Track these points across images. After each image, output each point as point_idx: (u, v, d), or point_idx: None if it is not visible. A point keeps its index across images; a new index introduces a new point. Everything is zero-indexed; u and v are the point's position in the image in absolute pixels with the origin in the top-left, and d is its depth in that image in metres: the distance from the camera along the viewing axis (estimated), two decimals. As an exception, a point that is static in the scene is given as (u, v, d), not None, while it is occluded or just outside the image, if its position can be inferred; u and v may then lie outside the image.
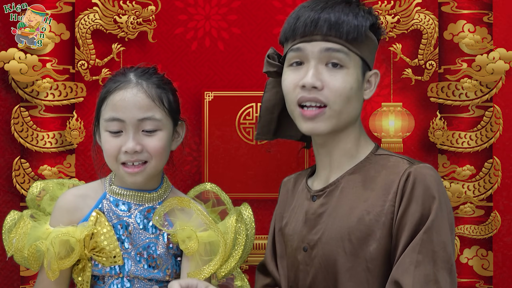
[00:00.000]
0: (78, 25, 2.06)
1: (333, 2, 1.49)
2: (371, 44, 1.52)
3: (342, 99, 1.46)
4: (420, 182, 1.41)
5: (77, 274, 1.53)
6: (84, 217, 1.54)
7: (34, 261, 1.51)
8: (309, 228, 1.52)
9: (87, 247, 1.49)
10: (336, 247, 1.45)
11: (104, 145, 1.53)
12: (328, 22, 1.46)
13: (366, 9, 1.51)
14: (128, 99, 1.49)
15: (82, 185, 1.65)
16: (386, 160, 1.50)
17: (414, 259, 1.36)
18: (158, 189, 1.58)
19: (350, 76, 1.47)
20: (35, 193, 1.65)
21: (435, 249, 1.37)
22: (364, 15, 1.49)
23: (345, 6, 1.48)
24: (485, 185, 2.05)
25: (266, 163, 2.06)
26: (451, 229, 1.43)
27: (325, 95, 1.46)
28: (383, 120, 2.06)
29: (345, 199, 1.48)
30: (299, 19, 1.48)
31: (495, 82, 2.03)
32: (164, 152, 1.53)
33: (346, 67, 1.47)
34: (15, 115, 2.06)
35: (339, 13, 1.46)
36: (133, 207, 1.55)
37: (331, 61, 1.46)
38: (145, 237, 1.54)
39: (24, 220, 1.54)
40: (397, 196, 1.42)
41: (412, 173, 1.42)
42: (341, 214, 1.47)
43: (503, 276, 2.04)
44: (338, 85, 1.46)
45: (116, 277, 1.52)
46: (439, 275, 1.36)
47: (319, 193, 1.53)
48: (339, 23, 1.45)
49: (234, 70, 2.08)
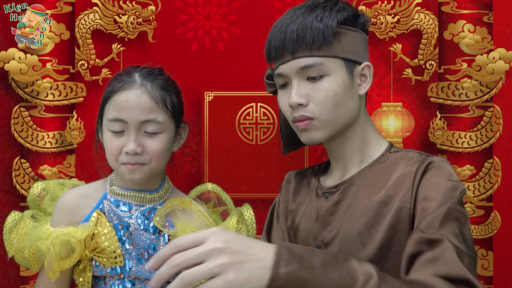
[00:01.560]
0: (78, 25, 2.06)
1: (298, 13, 1.47)
2: (351, 39, 1.48)
3: (329, 108, 1.45)
4: (439, 167, 1.39)
5: (78, 275, 1.53)
6: (85, 217, 1.54)
7: (34, 262, 1.51)
8: (322, 226, 1.52)
9: (88, 248, 1.50)
10: (354, 243, 1.45)
11: (107, 144, 1.53)
12: (292, 39, 1.44)
13: (334, 7, 1.47)
14: (132, 100, 1.49)
15: (83, 185, 1.65)
16: (403, 155, 1.48)
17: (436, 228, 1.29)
18: (159, 189, 1.58)
19: (332, 82, 1.45)
20: (36, 193, 1.65)
21: (461, 219, 1.31)
22: (331, 13, 1.45)
23: (309, 13, 1.46)
24: (485, 185, 2.05)
25: (266, 163, 2.06)
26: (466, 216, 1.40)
27: (310, 110, 1.45)
28: (383, 120, 2.06)
29: (360, 195, 1.47)
30: (271, 44, 1.49)
31: (495, 82, 2.04)
32: (164, 155, 1.53)
33: (326, 75, 1.45)
34: (15, 115, 2.06)
35: (301, 24, 1.44)
36: (134, 208, 1.55)
37: (309, 76, 1.45)
38: (146, 237, 1.54)
39: (24, 220, 1.54)
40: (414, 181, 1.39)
41: (431, 162, 1.40)
42: (358, 210, 1.46)
43: (503, 276, 2.04)
44: (321, 97, 1.44)
45: (117, 277, 1.52)
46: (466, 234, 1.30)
47: (332, 190, 1.53)
48: (301, 36, 1.44)
49: (234, 70, 2.08)
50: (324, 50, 1.44)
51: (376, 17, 2.05)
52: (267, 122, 2.07)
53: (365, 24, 1.52)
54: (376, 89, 2.06)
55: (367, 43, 1.53)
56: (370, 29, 2.05)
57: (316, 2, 1.49)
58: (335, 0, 1.50)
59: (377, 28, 2.05)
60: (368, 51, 1.55)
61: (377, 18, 2.05)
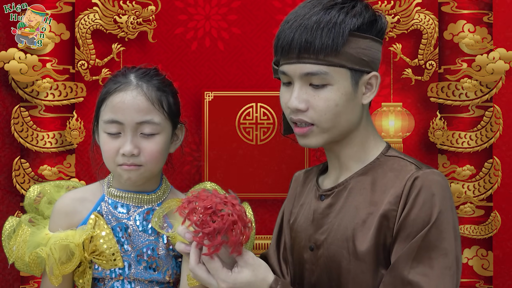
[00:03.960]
0: (78, 25, 2.06)
1: (311, 13, 1.41)
2: (363, 47, 1.42)
3: (328, 117, 1.42)
4: (426, 188, 1.37)
5: (78, 277, 1.53)
6: (83, 220, 1.53)
7: (35, 267, 1.51)
8: (316, 228, 1.52)
9: (87, 250, 1.49)
10: (341, 248, 1.44)
11: (103, 146, 1.52)
12: (299, 42, 1.40)
13: (351, 10, 1.41)
14: (127, 101, 1.48)
15: (80, 188, 1.64)
16: (394, 163, 1.46)
17: (408, 265, 1.34)
18: (157, 190, 1.57)
19: (334, 93, 1.41)
20: (33, 197, 1.63)
21: (432, 255, 1.34)
22: (345, 19, 1.39)
23: (323, 15, 1.40)
24: (485, 185, 2.05)
25: (266, 163, 2.06)
26: (456, 236, 1.39)
27: (310, 116, 1.43)
28: (383, 120, 2.06)
29: (352, 200, 1.46)
30: (278, 40, 1.44)
31: (495, 82, 2.04)
32: (160, 156, 1.52)
33: (329, 84, 1.41)
34: (15, 115, 2.06)
35: (312, 28, 1.39)
36: (132, 209, 1.54)
37: (312, 83, 1.42)
38: (144, 239, 1.53)
39: (22, 228, 1.53)
40: (401, 200, 1.39)
41: (418, 178, 1.38)
42: (347, 215, 1.45)
43: (503, 276, 2.04)
44: (321, 105, 1.42)
45: (116, 279, 1.52)
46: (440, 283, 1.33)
47: (327, 193, 1.52)
48: (310, 41, 1.39)
49: (234, 70, 2.08)
50: (331, 58, 1.39)
51: (376, 17, 2.05)
52: (267, 122, 2.07)
53: (382, 30, 1.46)
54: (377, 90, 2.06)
55: (380, 49, 1.47)
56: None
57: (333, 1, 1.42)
58: (354, 1, 1.43)
59: (377, 28, 2.05)
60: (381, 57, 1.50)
61: (377, 18, 2.05)
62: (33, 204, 1.63)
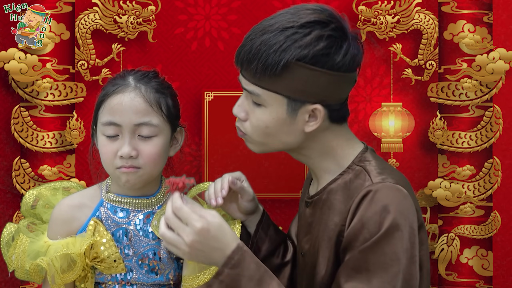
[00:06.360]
0: (78, 25, 2.06)
1: (268, 29, 1.39)
2: (306, 78, 1.37)
3: (258, 135, 1.45)
4: (375, 202, 1.34)
5: (79, 282, 1.51)
6: (82, 226, 1.52)
7: (36, 275, 1.51)
8: (303, 235, 1.52)
9: (88, 257, 1.48)
10: (312, 261, 1.45)
11: (101, 149, 1.51)
12: (242, 58, 1.42)
13: (305, 37, 1.35)
14: (125, 103, 1.47)
15: (77, 193, 1.61)
16: (357, 175, 1.42)
17: (345, 276, 1.32)
18: (156, 193, 1.56)
19: (266, 115, 1.41)
20: (30, 202, 1.61)
21: (371, 268, 1.31)
22: (294, 44, 1.35)
23: (274, 36, 1.37)
24: (485, 185, 2.05)
25: (266, 163, 2.06)
26: (409, 252, 1.34)
27: (244, 127, 1.48)
28: (383, 120, 2.06)
29: (326, 211, 1.45)
30: (240, 46, 1.46)
31: (495, 82, 2.03)
32: (159, 159, 1.51)
33: (263, 106, 1.42)
34: (15, 115, 2.06)
35: (257, 48, 1.38)
36: (132, 214, 1.53)
37: (252, 99, 1.44)
38: (145, 243, 1.53)
39: (20, 238, 1.52)
40: (348, 215, 1.37)
41: (370, 191, 1.36)
42: (322, 227, 1.45)
43: (503, 276, 2.04)
44: (254, 123, 1.45)
45: (118, 283, 1.51)
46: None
47: (310, 200, 1.52)
48: (250, 60, 1.40)
49: (234, 70, 2.06)
50: (266, 82, 1.39)
51: (376, 17, 2.05)
52: (267, 122, 2.07)
53: (343, 64, 1.38)
54: (376, 89, 2.06)
55: (338, 81, 1.40)
56: (370, 29, 2.05)
57: (294, 22, 1.38)
58: (313, 28, 1.37)
59: (377, 28, 2.05)
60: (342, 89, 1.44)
61: (377, 18, 2.05)
62: (30, 210, 1.61)
